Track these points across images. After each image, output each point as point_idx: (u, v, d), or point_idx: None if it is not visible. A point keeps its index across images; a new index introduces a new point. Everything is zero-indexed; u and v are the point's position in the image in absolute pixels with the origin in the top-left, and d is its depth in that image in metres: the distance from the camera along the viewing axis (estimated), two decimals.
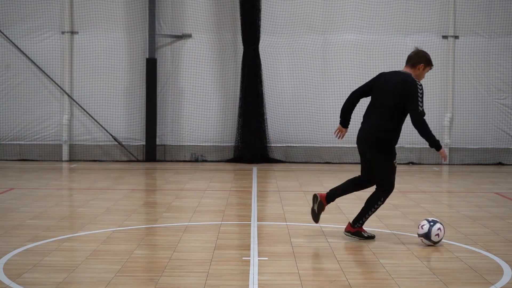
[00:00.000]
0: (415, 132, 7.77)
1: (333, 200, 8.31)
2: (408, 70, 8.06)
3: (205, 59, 18.01)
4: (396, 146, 8.06)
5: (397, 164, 8.58)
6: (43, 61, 17.84)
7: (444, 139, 17.62)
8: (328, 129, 17.44)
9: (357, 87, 8.28)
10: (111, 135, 17.85)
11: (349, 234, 8.24)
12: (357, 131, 8.19)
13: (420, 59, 8.03)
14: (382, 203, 8.17)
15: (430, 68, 8.10)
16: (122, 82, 17.98)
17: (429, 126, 7.87)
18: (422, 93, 7.82)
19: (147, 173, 15.86)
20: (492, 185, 14.02)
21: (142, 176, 15.35)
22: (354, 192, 8.38)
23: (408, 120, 7.90)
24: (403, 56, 17.67)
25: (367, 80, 8.33)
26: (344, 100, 8.35)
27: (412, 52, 8.13)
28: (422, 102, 7.79)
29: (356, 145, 8.23)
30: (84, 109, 17.85)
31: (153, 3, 17.63)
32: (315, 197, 8.29)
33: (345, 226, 8.41)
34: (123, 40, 17.94)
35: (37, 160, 17.72)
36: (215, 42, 18.00)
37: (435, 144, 7.81)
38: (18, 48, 17.74)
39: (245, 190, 12.77)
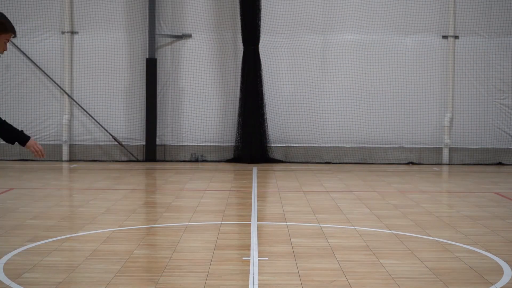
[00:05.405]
0: (415, 132, 7.75)
1: None
2: None
3: (205, 59, 18.01)
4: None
5: (398, 164, 8.54)
6: (43, 61, 17.84)
7: (444, 139, 17.62)
8: (328, 129, 17.41)
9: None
10: (111, 135, 17.85)
11: None
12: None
13: None
14: None
15: (10, 36, 6.23)
16: (122, 82, 17.98)
17: (430, 126, 7.81)
18: None
19: (147, 173, 15.86)
20: (492, 185, 14.00)
21: (142, 176, 15.34)
22: (354, 192, 8.37)
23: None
24: (403, 56, 17.88)
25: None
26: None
27: None
28: None
29: (356, 145, 8.19)
30: (84, 109, 17.85)
31: (153, 3, 17.63)
32: None
33: (345, 226, 8.38)
34: (123, 40, 17.93)
35: (37, 160, 17.71)
36: (215, 42, 18.00)
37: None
38: (18, 48, 17.74)
39: (245, 190, 12.76)
